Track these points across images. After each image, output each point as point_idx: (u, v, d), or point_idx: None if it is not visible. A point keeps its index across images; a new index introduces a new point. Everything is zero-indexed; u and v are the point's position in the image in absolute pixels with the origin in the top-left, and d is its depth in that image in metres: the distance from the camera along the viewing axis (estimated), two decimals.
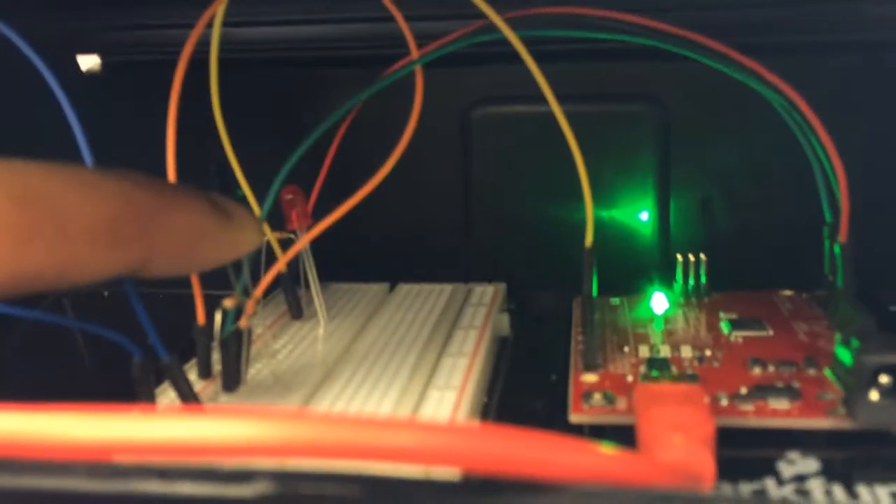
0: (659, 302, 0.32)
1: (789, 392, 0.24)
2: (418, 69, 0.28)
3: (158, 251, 0.17)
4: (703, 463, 0.18)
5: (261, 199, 0.28)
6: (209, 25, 0.25)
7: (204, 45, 0.25)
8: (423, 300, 0.32)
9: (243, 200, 0.34)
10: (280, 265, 0.27)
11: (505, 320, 0.32)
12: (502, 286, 0.34)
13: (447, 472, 0.17)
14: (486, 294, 0.33)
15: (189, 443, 0.12)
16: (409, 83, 0.29)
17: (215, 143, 0.29)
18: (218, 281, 0.26)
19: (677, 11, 0.32)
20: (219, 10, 0.25)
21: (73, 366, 0.34)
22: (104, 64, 0.38)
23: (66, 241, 0.16)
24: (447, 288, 0.34)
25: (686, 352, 0.27)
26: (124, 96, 0.39)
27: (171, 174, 0.24)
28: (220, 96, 0.28)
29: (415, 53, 0.28)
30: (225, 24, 0.27)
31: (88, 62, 0.39)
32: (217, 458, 0.12)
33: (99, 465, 0.14)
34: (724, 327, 0.29)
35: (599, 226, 0.31)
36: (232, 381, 0.25)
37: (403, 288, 0.34)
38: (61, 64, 0.37)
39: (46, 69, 0.21)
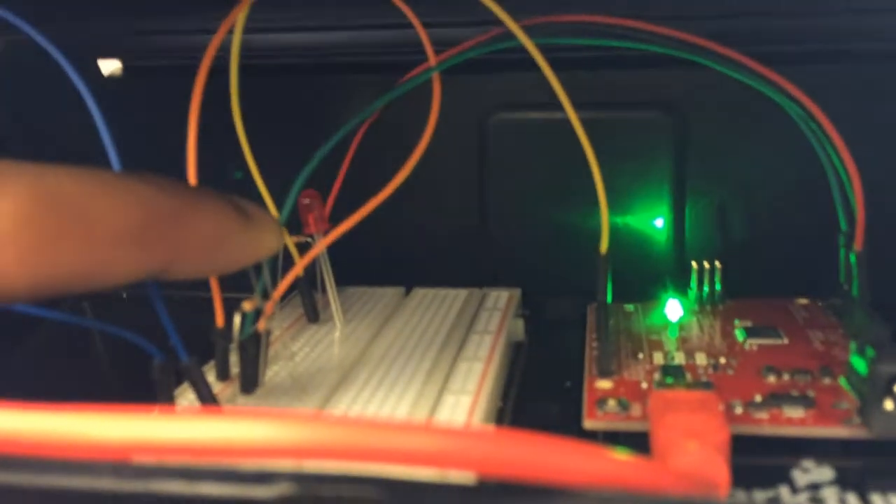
0: (673, 309, 0.32)
1: (804, 400, 0.24)
2: (436, 76, 0.28)
3: (182, 254, 0.18)
4: (717, 470, 0.18)
5: (278, 203, 0.29)
6: (229, 32, 0.26)
7: (223, 50, 0.25)
8: (439, 304, 0.33)
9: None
10: (297, 269, 0.27)
11: (520, 325, 0.32)
12: (517, 291, 0.34)
13: (463, 476, 0.18)
14: (501, 299, 0.33)
15: (207, 444, 0.12)
16: (426, 89, 0.29)
17: (234, 147, 0.29)
18: (236, 284, 0.27)
19: (694, 20, 0.32)
20: (239, 17, 0.25)
21: (92, 367, 0.34)
22: (125, 68, 0.39)
23: (92, 244, 0.16)
24: (462, 293, 0.34)
25: (700, 359, 0.28)
26: (144, 101, 0.39)
27: (192, 178, 0.24)
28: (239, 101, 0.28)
29: (433, 60, 0.29)
30: (244, 30, 0.27)
31: (110, 67, 0.39)
32: (235, 460, 0.12)
33: (123, 464, 0.14)
34: (739, 335, 0.29)
35: (614, 232, 0.31)
36: (249, 383, 0.25)
37: (419, 292, 0.34)
38: (83, 68, 0.38)
39: (75, 74, 0.21)
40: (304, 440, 0.12)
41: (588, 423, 0.24)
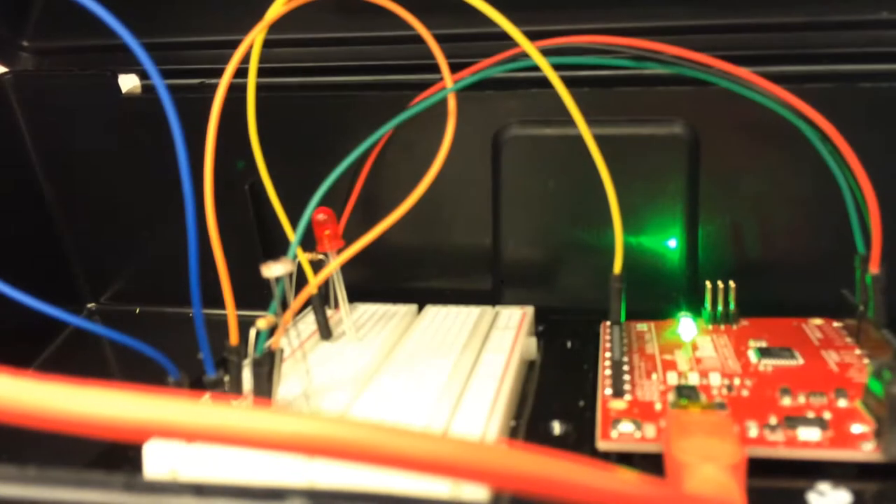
0: (687, 328, 0.32)
1: (819, 423, 0.24)
2: (452, 95, 0.29)
3: None
4: (733, 495, 0.18)
5: (292, 220, 0.29)
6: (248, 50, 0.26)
7: (240, 66, 0.26)
8: (452, 322, 0.33)
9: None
10: (312, 288, 0.27)
11: (532, 344, 0.32)
12: (530, 309, 0.34)
13: (475, 494, 0.17)
14: (514, 317, 0.33)
15: (232, 433, 0.12)
16: (440, 106, 0.29)
17: (250, 163, 0.29)
18: (250, 301, 0.27)
19: (708, 38, 0.32)
20: (258, 38, 0.25)
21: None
22: (143, 86, 0.39)
23: None
24: (475, 310, 0.34)
25: (715, 379, 0.27)
26: (162, 118, 0.39)
27: (209, 194, 0.24)
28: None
29: (448, 80, 0.29)
30: (262, 47, 0.27)
31: (128, 84, 0.39)
32: (258, 450, 0.12)
33: (135, 479, 0.14)
34: (753, 355, 0.29)
35: (628, 250, 0.31)
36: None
37: (432, 309, 0.34)
38: (102, 86, 0.38)
39: (167, 96, 0.21)
40: (328, 438, 0.12)
41: (602, 444, 0.24)
